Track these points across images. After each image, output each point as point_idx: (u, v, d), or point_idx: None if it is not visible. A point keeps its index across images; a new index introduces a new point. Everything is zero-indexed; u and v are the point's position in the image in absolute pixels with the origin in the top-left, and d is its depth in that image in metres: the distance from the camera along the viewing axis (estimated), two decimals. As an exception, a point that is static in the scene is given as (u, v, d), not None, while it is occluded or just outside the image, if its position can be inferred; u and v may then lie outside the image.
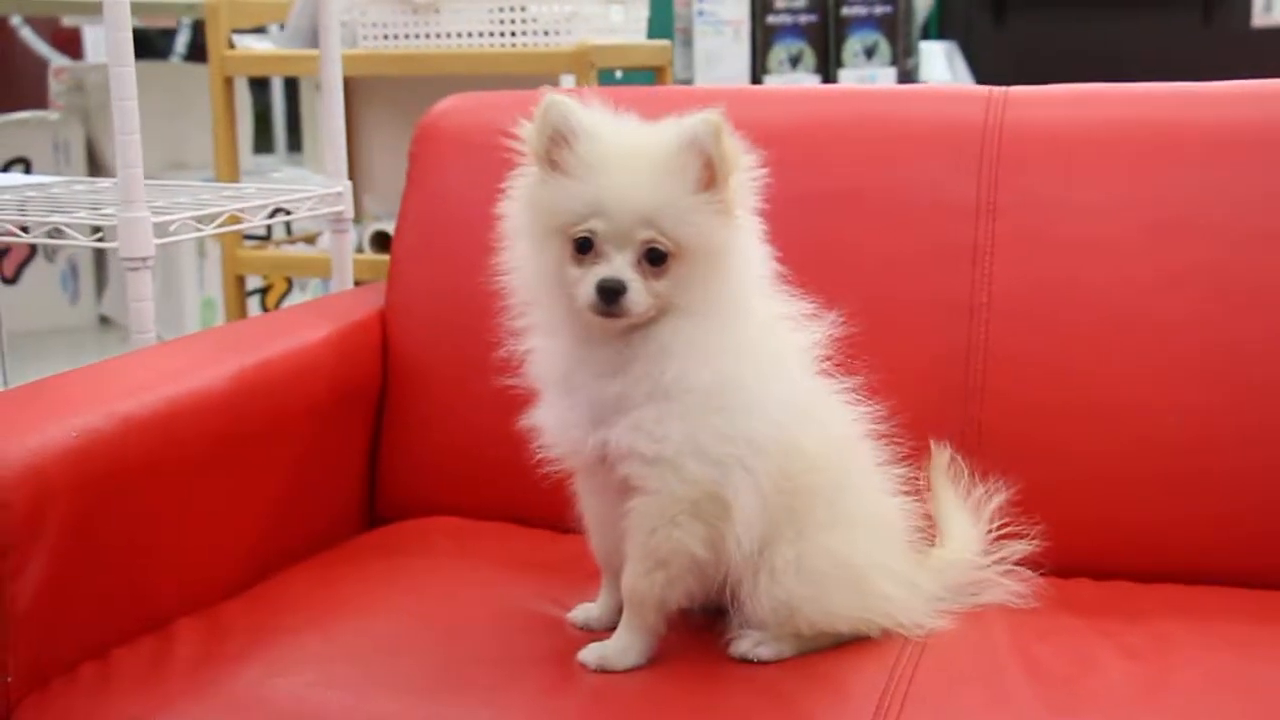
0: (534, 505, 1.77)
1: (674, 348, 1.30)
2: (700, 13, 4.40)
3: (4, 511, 1.29)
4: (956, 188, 1.69)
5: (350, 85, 3.23)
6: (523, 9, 2.86)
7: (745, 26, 4.83)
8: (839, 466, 1.37)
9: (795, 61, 4.79)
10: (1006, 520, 1.52)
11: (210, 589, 1.55)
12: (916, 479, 1.47)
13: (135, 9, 1.82)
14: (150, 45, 5.60)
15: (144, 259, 1.81)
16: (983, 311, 1.65)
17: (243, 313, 3.12)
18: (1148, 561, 1.56)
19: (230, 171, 2.99)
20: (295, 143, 5.19)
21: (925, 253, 1.68)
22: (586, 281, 1.28)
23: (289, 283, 4.12)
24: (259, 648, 1.40)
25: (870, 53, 4.56)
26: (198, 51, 5.46)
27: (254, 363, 1.64)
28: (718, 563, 1.33)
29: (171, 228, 1.88)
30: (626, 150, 1.29)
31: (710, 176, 1.27)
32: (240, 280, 3.10)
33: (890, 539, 1.40)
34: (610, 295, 1.27)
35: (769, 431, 1.31)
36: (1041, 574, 1.49)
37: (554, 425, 1.39)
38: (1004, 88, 1.77)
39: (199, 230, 1.93)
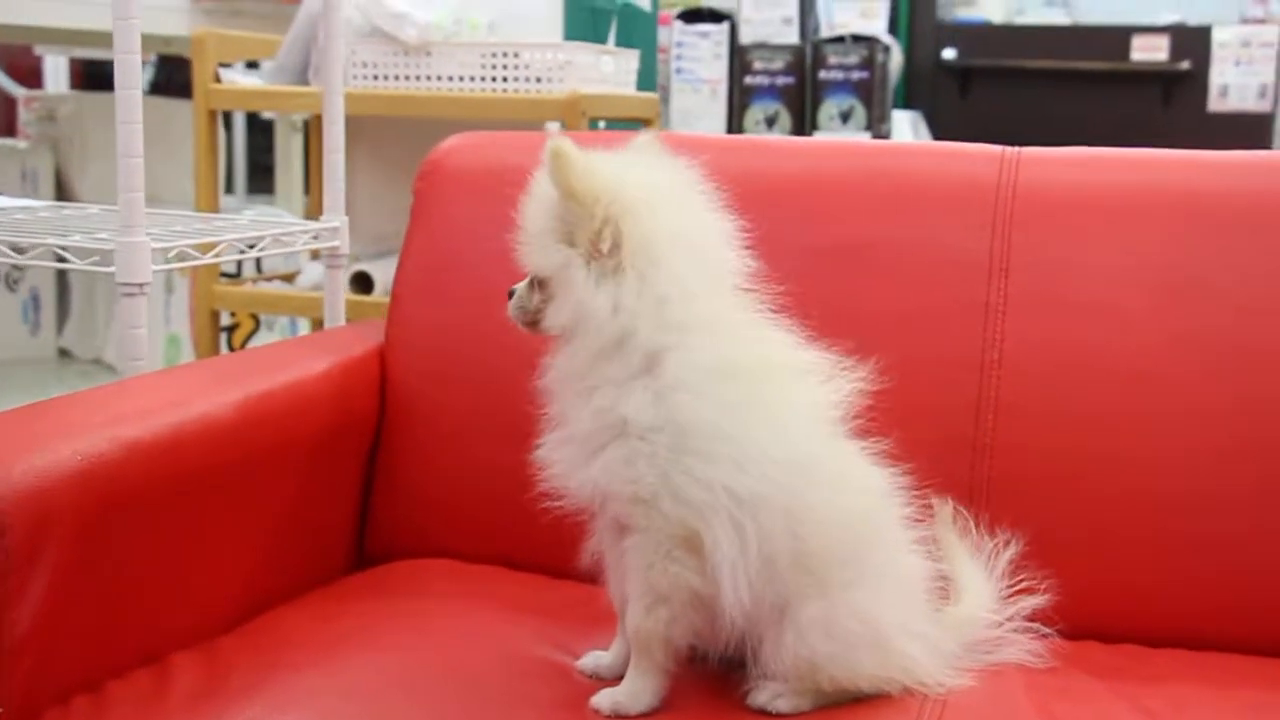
0: (526, 549, 1.75)
1: (629, 388, 1.28)
2: (679, 70, 4.44)
3: (6, 534, 1.24)
4: (969, 245, 1.69)
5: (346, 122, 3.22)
6: (515, 55, 2.86)
7: (723, 86, 4.87)
8: (860, 526, 1.35)
9: (771, 122, 4.82)
10: (1019, 577, 1.50)
11: (205, 623, 1.50)
12: (928, 535, 1.45)
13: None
14: (108, 79, 5.57)
15: (141, 285, 1.78)
16: (994, 369, 1.65)
17: (215, 349, 3.08)
18: (1157, 624, 1.55)
19: (211, 205, 2.96)
20: (257, 184, 5.15)
21: (937, 309, 1.67)
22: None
23: (256, 322, 4.07)
24: (260, 685, 1.36)
25: (846, 117, 4.61)
26: (162, 86, 5.43)
27: (257, 393, 1.60)
28: (720, 601, 1.30)
29: (170, 254, 1.84)
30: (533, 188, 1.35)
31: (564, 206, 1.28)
32: (215, 316, 3.07)
33: (912, 597, 1.38)
34: (510, 297, 1.37)
35: (759, 487, 1.27)
36: (1051, 634, 1.47)
37: (552, 460, 1.37)
38: (1017, 148, 1.77)
39: (197, 258, 1.89)
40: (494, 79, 2.86)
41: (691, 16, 4.60)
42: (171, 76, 5.20)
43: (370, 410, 1.82)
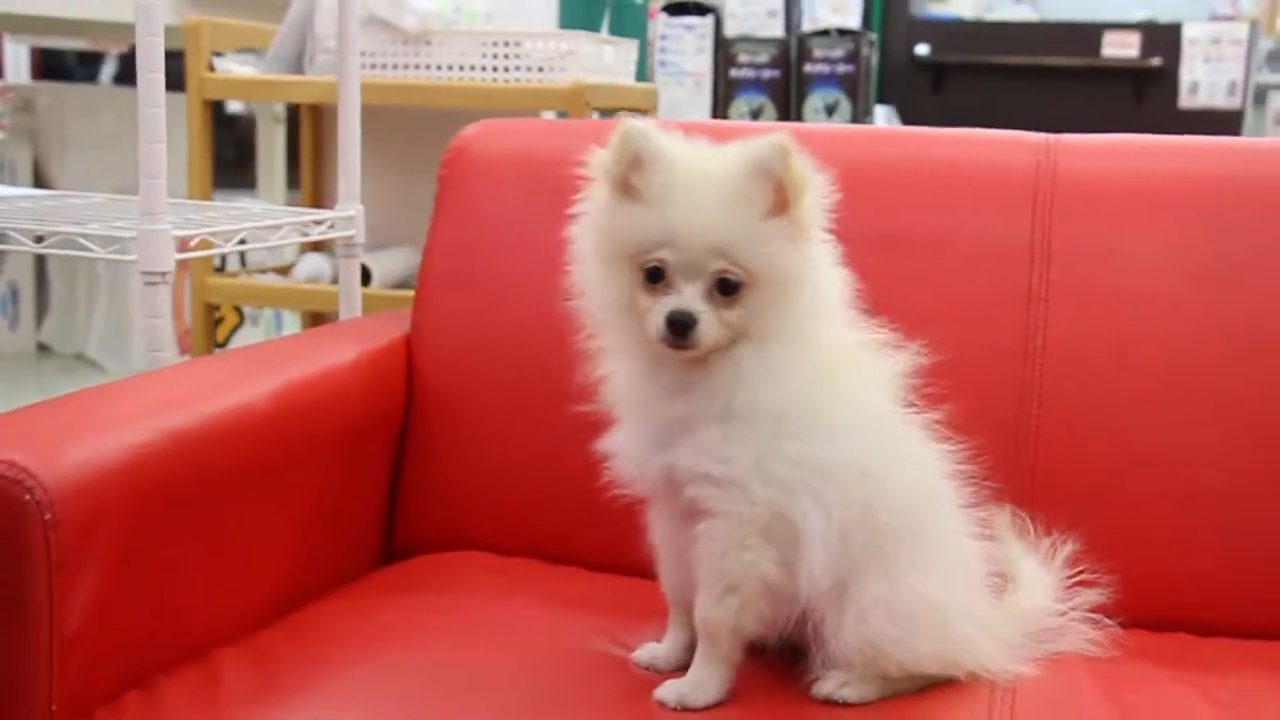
0: (559, 541, 1.73)
1: (747, 372, 1.26)
2: (663, 63, 4.41)
3: (58, 529, 1.20)
4: (1010, 234, 1.68)
5: (333, 112, 3.17)
6: (516, 44, 2.83)
7: (707, 79, 4.84)
8: (924, 505, 1.34)
9: (756, 115, 4.80)
10: (1073, 568, 1.49)
11: (245, 617, 1.47)
12: (982, 521, 1.44)
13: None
14: (68, 72, 5.48)
15: (164, 274, 1.73)
16: (1037, 356, 1.63)
17: (210, 342, 3.03)
18: (1205, 614, 1.55)
19: (206, 196, 2.91)
20: (230, 178, 5.07)
21: (979, 297, 1.66)
22: (657, 312, 1.25)
23: (240, 316, 4.02)
24: (310, 683, 1.33)
25: (831, 110, 4.60)
26: (127, 75, 5.35)
27: (292, 382, 1.57)
28: (793, 589, 1.29)
29: (192, 243, 1.80)
30: (697, 178, 1.25)
31: (781, 200, 1.24)
32: (210, 309, 3.02)
33: (972, 582, 1.37)
34: (680, 328, 1.23)
35: (844, 459, 1.28)
36: (1110, 624, 1.46)
37: (622, 449, 1.35)
38: (1054, 135, 1.76)
39: (218, 247, 1.85)
40: (495, 68, 2.82)
41: (676, 9, 4.58)
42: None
43: (398, 401, 1.78)
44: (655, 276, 1.25)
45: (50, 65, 5.57)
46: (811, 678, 1.32)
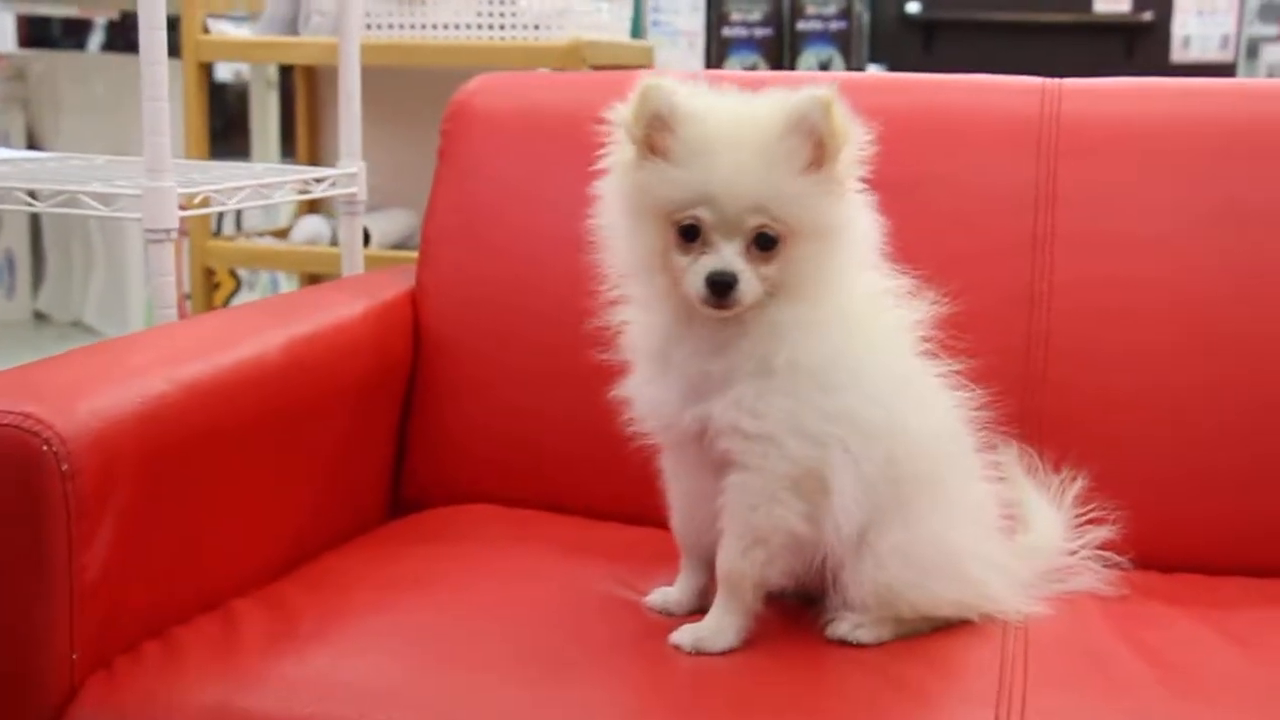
0: (565, 492, 1.73)
1: (785, 327, 1.26)
2: (655, 23, 4.39)
3: (76, 478, 1.21)
4: (1015, 178, 1.68)
5: (327, 75, 3.16)
6: (512, 2, 2.81)
7: (700, 38, 4.82)
8: (942, 453, 1.34)
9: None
10: (1082, 509, 1.50)
11: (260, 569, 1.48)
12: (993, 464, 1.44)
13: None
14: (54, 41, 5.45)
15: (168, 231, 1.73)
16: (1043, 301, 1.64)
17: (209, 306, 3.03)
18: (1216, 554, 1.55)
19: (201, 159, 2.89)
20: (221, 148, 5.04)
21: (984, 243, 1.67)
22: (695, 272, 1.23)
23: (237, 281, 4.01)
24: (330, 628, 1.33)
25: (825, 67, 4.57)
26: (119, 45, 5.33)
27: (302, 334, 1.58)
28: (817, 542, 1.29)
29: (195, 200, 1.80)
30: (731, 134, 1.23)
31: (820, 155, 1.23)
32: (208, 273, 3.02)
33: (986, 524, 1.38)
34: (722, 288, 1.22)
35: (874, 412, 1.28)
36: (1121, 563, 1.47)
37: (648, 399, 1.34)
38: (1057, 79, 1.76)
39: (222, 205, 1.85)
40: (491, 26, 2.81)
41: (668, -32, 4.57)
42: (130, 36, 5.10)
43: (404, 355, 1.79)
44: (691, 235, 1.24)
45: (36, 34, 5.54)
46: (826, 619, 1.33)
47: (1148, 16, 7.02)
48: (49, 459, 1.19)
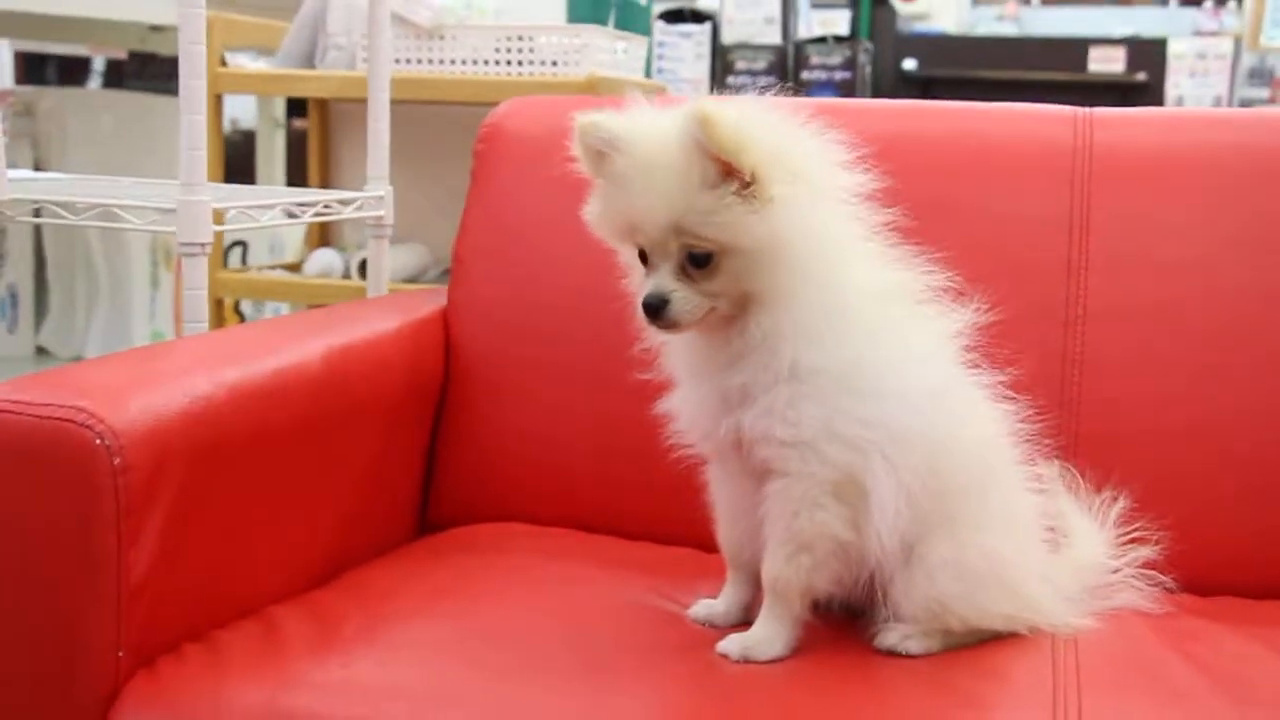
0: (596, 511, 1.73)
1: (785, 333, 1.26)
2: (660, 70, 4.43)
3: (127, 473, 1.20)
4: (1050, 204, 1.69)
5: (339, 110, 3.18)
6: (530, 38, 2.83)
7: (704, 86, 4.85)
8: (986, 464, 1.34)
9: (754, 122, 4.84)
10: (1125, 529, 1.50)
11: (296, 577, 1.47)
12: (1037, 479, 1.44)
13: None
14: (50, 80, 5.46)
15: (202, 245, 1.73)
16: (1077, 324, 1.65)
17: (220, 337, 3.02)
18: (1256, 578, 1.55)
19: (219, 190, 2.90)
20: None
21: (1021, 267, 1.67)
22: (638, 296, 1.26)
23: (241, 317, 4.00)
24: (374, 633, 1.32)
25: (829, 117, 4.63)
26: (115, 80, 5.35)
27: (340, 345, 1.57)
28: (862, 549, 1.29)
29: (229, 215, 1.80)
30: (646, 160, 1.24)
31: (725, 167, 1.20)
32: (220, 303, 3.01)
33: (1032, 538, 1.38)
34: (654, 310, 1.24)
35: (910, 420, 1.28)
36: (1165, 582, 1.47)
37: (688, 412, 1.35)
38: (1088, 109, 1.78)
39: (254, 221, 1.85)
40: (509, 62, 2.83)
41: (673, 17, 4.60)
42: (141, 71, 5.12)
43: (436, 373, 1.78)
44: (644, 258, 1.28)
45: (34, 71, 5.55)
46: (874, 630, 1.32)
47: (1141, 77, 7.12)
48: (101, 453, 1.19)
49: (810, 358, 1.26)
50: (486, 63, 2.84)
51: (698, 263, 1.23)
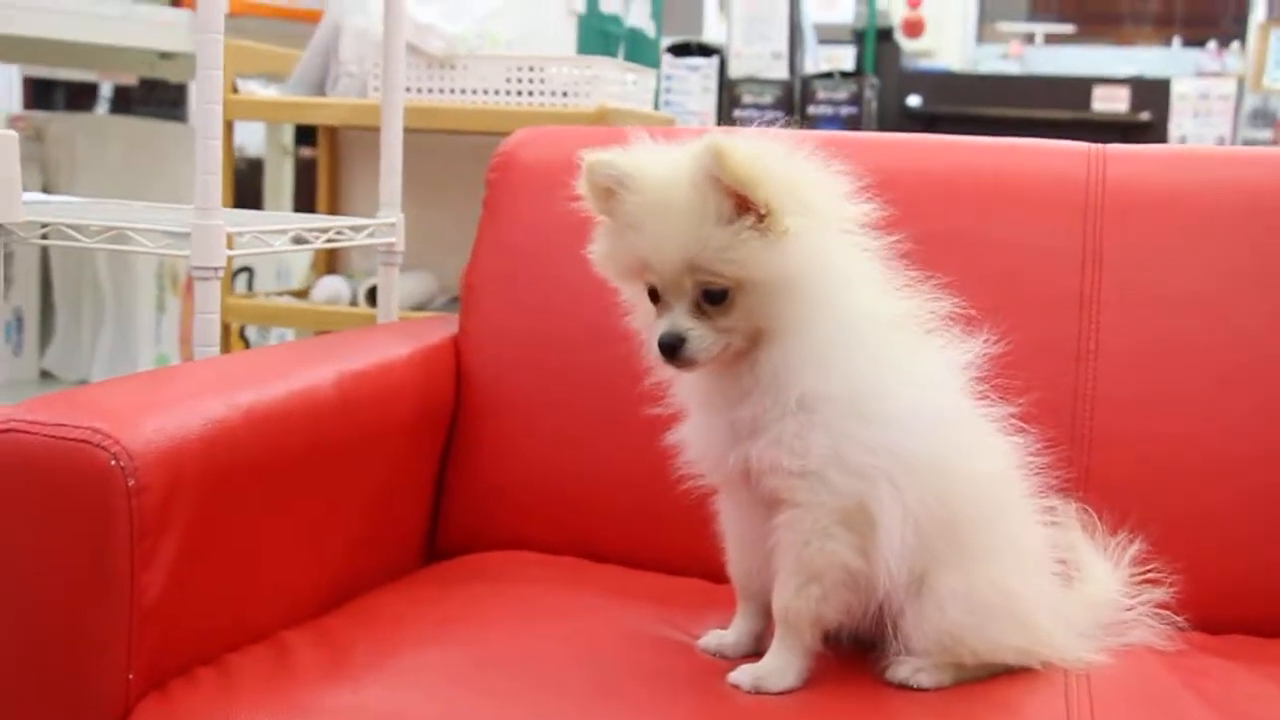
0: (604, 541, 1.72)
1: (795, 364, 1.26)
2: (668, 103, 4.45)
3: (141, 495, 1.20)
4: (1062, 239, 1.69)
5: (354, 138, 3.19)
6: (541, 69, 2.84)
7: (711, 119, 4.88)
8: (996, 495, 1.34)
9: (760, 156, 4.86)
10: (1137, 568, 1.49)
11: (307, 602, 1.46)
12: (1048, 512, 1.44)
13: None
14: (55, 102, 5.48)
15: (215, 269, 1.74)
16: (1089, 359, 1.65)
17: (227, 362, 3.02)
18: (1265, 615, 1.55)
19: (228, 215, 2.91)
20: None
21: (1033, 302, 1.67)
22: (652, 335, 1.25)
23: (246, 343, 4.00)
24: (386, 660, 1.32)
25: (835, 151, 4.65)
26: (122, 107, 5.36)
27: (353, 370, 1.57)
28: (872, 579, 1.29)
29: (241, 239, 1.81)
30: (658, 198, 1.24)
31: (740, 201, 1.20)
32: (227, 329, 3.01)
33: (1044, 571, 1.38)
34: (671, 350, 1.24)
35: (915, 447, 1.27)
36: (1178, 621, 1.47)
37: (698, 443, 1.35)
38: (1101, 145, 1.78)
39: (267, 246, 1.85)
40: (520, 93, 2.84)
41: (681, 50, 4.62)
42: (149, 97, 5.14)
43: (447, 400, 1.78)
44: (655, 296, 1.27)
45: (41, 97, 5.56)
46: (885, 663, 1.32)
47: (1145, 116, 7.15)
48: (116, 474, 1.18)
49: (818, 386, 1.26)
50: (497, 93, 2.85)
51: (713, 299, 1.23)
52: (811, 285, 1.25)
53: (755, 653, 1.35)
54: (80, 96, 5.58)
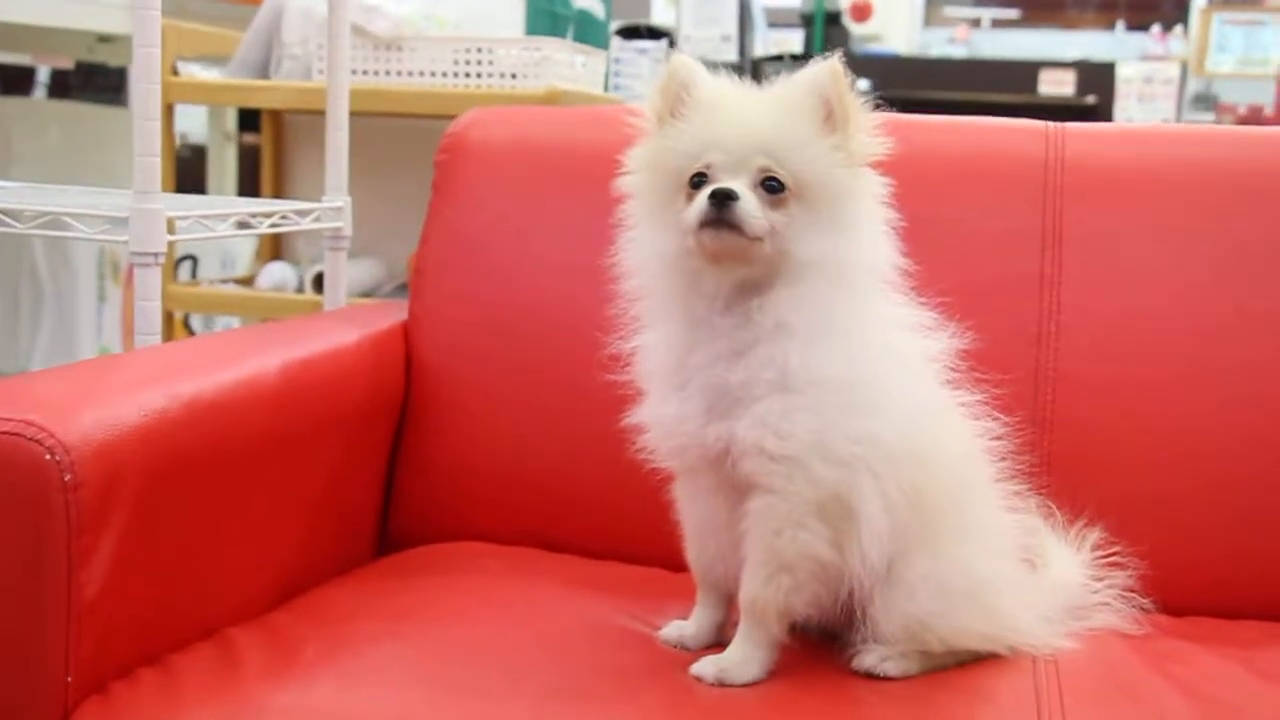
0: (559, 531, 1.69)
1: (795, 325, 1.23)
2: (617, 86, 4.37)
3: (78, 489, 1.15)
4: (1022, 219, 1.67)
5: (299, 122, 3.12)
6: (489, 50, 2.79)
7: (660, 103, 4.86)
8: (965, 480, 1.32)
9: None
10: (1099, 551, 1.47)
11: (254, 598, 1.42)
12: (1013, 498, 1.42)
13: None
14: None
15: (155, 255, 1.68)
16: (1051, 340, 1.63)
17: (170, 352, 2.96)
18: (1227, 597, 1.53)
19: (169, 201, 2.84)
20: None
21: (993, 283, 1.65)
22: (698, 200, 1.22)
23: (190, 332, 3.93)
24: (332, 658, 1.28)
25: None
26: (60, 91, 5.25)
27: (299, 357, 1.53)
28: (842, 570, 1.26)
29: (183, 224, 1.75)
30: (742, 92, 1.28)
31: (830, 120, 1.25)
32: (170, 318, 2.94)
33: (1010, 556, 1.35)
34: (721, 199, 1.20)
35: (899, 437, 1.25)
36: (1144, 604, 1.45)
37: (665, 420, 1.29)
38: (1059, 124, 1.76)
39: (209, 231, 1.80)
40: (468, 74, 2.79)
41: (629, 33, 4.56)
42: (88, 82, 5.03)
43: (397, 388, 1.74)
44: (699, 184, 1.24)
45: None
46: (851, 652, 1.29)
47: (1091, 99, 7.16)
48: (51, 468, 1.14)
49: (809, 364, 1.22)
50: (445, 75, 2.80)
51: (772, 189, 1.23)
52: (856, 228, 1.27)
53: (717, 643, 1.32)
54: (17, 81, 5.46)
